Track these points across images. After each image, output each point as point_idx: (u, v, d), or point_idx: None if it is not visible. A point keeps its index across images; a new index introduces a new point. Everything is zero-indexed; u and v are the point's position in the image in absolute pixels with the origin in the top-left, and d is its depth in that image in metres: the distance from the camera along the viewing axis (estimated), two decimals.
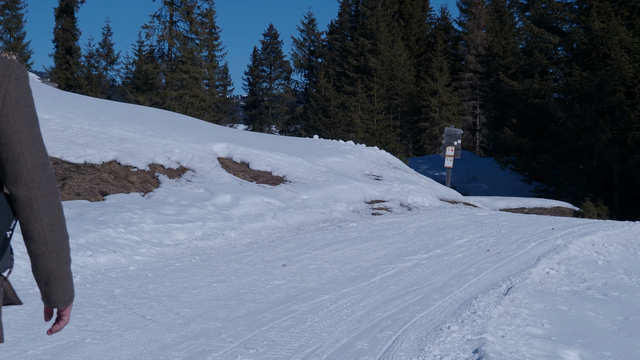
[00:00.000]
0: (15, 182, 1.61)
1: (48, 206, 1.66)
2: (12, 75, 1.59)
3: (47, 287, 1.78)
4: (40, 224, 1.67)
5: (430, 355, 4.44)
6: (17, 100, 1.59)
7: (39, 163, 1.63)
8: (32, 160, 1.61)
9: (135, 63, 43.12)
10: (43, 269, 1.76)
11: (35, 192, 1.63)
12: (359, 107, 39.06)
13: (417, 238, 10.48)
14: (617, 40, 28.53)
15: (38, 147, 1.65)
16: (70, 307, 1.83)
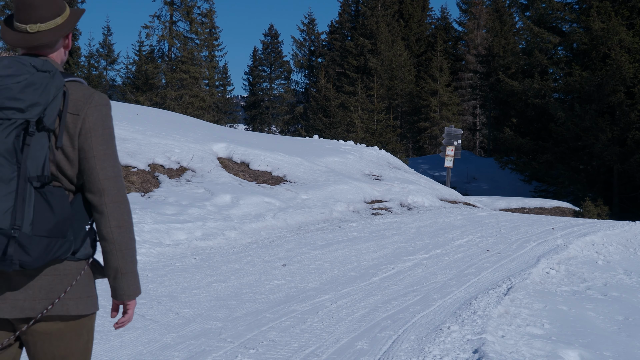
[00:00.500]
0: (91, 190, 1.98)
1: (116, 211, 1.99)
2: (93, 102, 1.99)
3: (115, 282, 2.08)
4: (109, 225, 1.99)
5: (430, 355, 4.44)
6: (94, 123, 1.96)
7: (109, 175, 1.97)
8: (103, 173, 1.96)
9: (135, 63, 43.12)
10: (111, 265, 2.06)
11: (106, 199, 1.97)
12: (359, 107, 39.07)
13: (417, 238, 10.48)
14: (617, 40, 28.52)
15: (110, 162, 1.97)
16: (134, 303, 2.12)
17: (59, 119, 1.92)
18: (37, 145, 1.85)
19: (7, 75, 1.83)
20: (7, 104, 1.81)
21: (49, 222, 1.84)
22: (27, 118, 1.83)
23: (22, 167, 1.81)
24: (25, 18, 1.94)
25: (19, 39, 1.96)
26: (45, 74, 1.89)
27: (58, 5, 1.99)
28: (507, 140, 33.17)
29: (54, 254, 1.86)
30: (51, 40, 2.00)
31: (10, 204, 1.78)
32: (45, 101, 1.86)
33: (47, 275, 1.92)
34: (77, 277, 1.97)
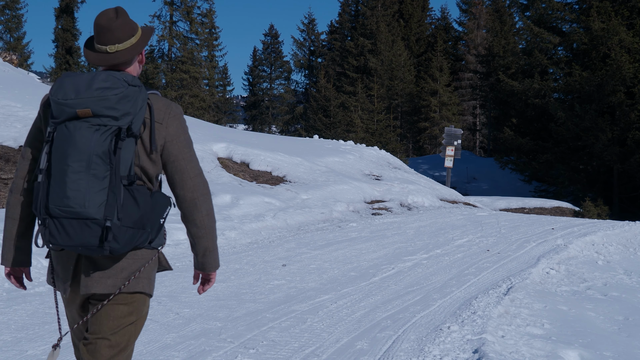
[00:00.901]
0: (183, 187, 2.32)
1: (205, 202, 2.36)
2: (172, 113, 2.29)
3: (204, 258, 2.46)
4: (201, 214, 2.35)
5: (430, 355, 4.44)
6: (176, 131, 2.29)
7: (197, 173, 2.34)
8: (192, 172, 2.31)
9: None
10: (201, 245, 2.42)
11: (197, 193, 2.33)
12: (359, 107, 39.07)
13: (417, 238, 10.48)
14: (617, 40, 28.52)
15: (195, 162, 2.33)
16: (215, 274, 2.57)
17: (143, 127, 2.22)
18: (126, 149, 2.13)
19: (106, 87, 2.10)
20: (105, 112, 2.09)
21: (134, 215, 2.15)
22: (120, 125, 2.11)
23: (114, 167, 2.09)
24: (105, 40, 2.23)
25: (100, 58, 2.25)
26: (135, 88, 2.16)
27: (131, 27, 2.27)
28: (507, 140, 33.17)
29: (135, 242, 2.18)
30: (128, 58, 2.27)
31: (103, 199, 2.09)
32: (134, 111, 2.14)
33: (127, 259, 2.25)
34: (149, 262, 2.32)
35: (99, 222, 2.08)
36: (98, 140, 2.07)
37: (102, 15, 2.23)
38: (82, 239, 2.09)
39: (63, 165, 2.08)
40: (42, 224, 2.15)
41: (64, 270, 2.29)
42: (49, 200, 2.10)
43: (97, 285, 2.22)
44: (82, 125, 2.08)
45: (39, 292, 5.95)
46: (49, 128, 2.14)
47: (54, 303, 4.85)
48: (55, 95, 2.12)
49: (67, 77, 2.17)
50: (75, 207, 2.07)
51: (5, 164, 11.27)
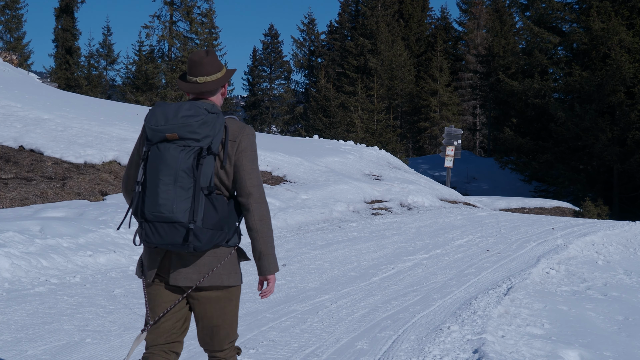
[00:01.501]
0: (241, 194, 2.69)
1: (259, 209, 2.68)
2: (244, 133, 2.70)
3: (259, 262, 2.72)
4: (254, 219, 2.67)
5: (430, 355, 4.44)
6: (245, 147, 2.69)
7: (254, 184, 2.69)
8: (250, 182, 2.68)
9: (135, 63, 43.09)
10: (256, 248, 2.71)
11: (251, 200, 2.67)
12: (359, 107, 39.06)
13: (417, 238, 10.48)
14: (617, 40, 28.52)
15: (255, 174, 2.71)
16: (274, 277, 2.76)
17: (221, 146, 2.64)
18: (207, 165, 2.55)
19: (189, 115, 2.54)
20: (188, 136, 2.53)
21: (213, 219, 2.56)
22: (201, 146, 2.54)
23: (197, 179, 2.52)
24: (196, 73, 2.71)
25: (191, 87, 2.72)
26: (214, 115, 2.60)
27: (218, 65, 2.76)
28: (507, 140, 33.17)
29: (215, 241, 2.58)
30: (213, 88, 2.74)
31: (188, 205, 2.51)
32: (213, 134, 2.57)
33: (208, 256, 2.63)
34: (226, 258, 2.67)
35: (184, 225, 2.51)
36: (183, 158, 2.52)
37: (195, 53, 2.75)
38: (170, 238, 2.54)
39: (156, 178, 2.54)
40: (140, 226, 2.66)
41: (152, 262, 2.71)
42: (145, 207, 2.60)
43: (184, 279, 2.64)
44: (171, 146, 2.54)
45: (39, 292, 5.95)
46: (145, 148, 2.61)
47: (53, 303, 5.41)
48: (149, 122, 2.58)
49: (158, 107, 2.62)
50: (165, 212, 2.53)
51: (5, 164, 11.27)
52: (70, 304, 5.60)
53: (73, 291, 6.08)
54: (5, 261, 6.53)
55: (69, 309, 5.43)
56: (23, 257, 6.80)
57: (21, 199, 10.13)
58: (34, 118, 13.67)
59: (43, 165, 11.49)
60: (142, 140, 2.71)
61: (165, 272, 2.68)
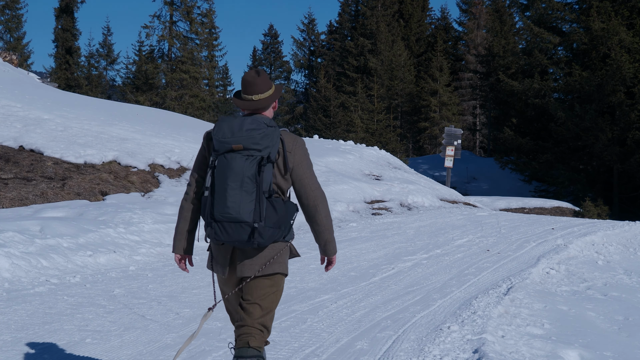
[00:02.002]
0: (307, 197, 3.11)
1: (323, 207, 3.15)
2: (298, 144, 3.08)
3: (325, 247, 3.28)
4: (321, 216, 3.16)
5: (430, 355, 4.44)
6: (301, 157, 3.08)
7: (316, 187, 3.12)
8: (313, 186, 3.11)
9: (135, 63, 43.08)
10: (323, 238, 3.24)
11: (317, 201, 3.12)
12: (359, 107, 39.06)
13: (417, 238, 10.49)
14: (617, 40, 28.52)
15: (314, 179, 3.13)
16: (335, 257, 3.37)
17: (278, 155, 3.02)
18: (267, 171, 2.94)
19: (252, 129, 2.94)
20: (252, 147, 2.92)
21: (273, 218, 2.96)
22: (262, 155, 2.93)
23: (259, 184, 2.91)
24: (251, 91, 3.09)
25: (247, 104, 3.10)
26: (272, 128, 2.98)
27: (268, 83, 3.13)
28: (507, 140, 33.16)
29: (275, 237, 3.00)
30: (266, 105, 3.12)
31: (252, 207, 2.89)
32: (272, 145, 2.95)
33: (268, 250, 3.07)
34: (282, 251, 3.12)
35: (249, 224, 2.89)
36: (248, 166, 2.91)
37: (248, 74, 3.12)
38: (237, 236, 2.91)
39: (224, 184, 2.91)
40: (209, 226, 2.97)
41: (223, 259, 3.10)
42: (214, 209, 2.93)
43: (248, 270, 3.05)
44: (236, 155, 2.93)
45: (39, 292, 5.95)
46: (212, 157, 2.99)
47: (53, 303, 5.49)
48: (216, 134, 2.98)
49: (223, 122, 3.02)
50: (233, 213, 2.89)
51: (6, 164, 11.27)
52: (70, 304, 5.60)
53: (73, 291, 6.09)
54: (5, 261, 6.53)
55: (69, 309, 5.43)
56: (23, 257, 6.80)
57: (21, 199, 10.13)
58: (34, 118, 13.67)
59: (43, 165, 11.49)
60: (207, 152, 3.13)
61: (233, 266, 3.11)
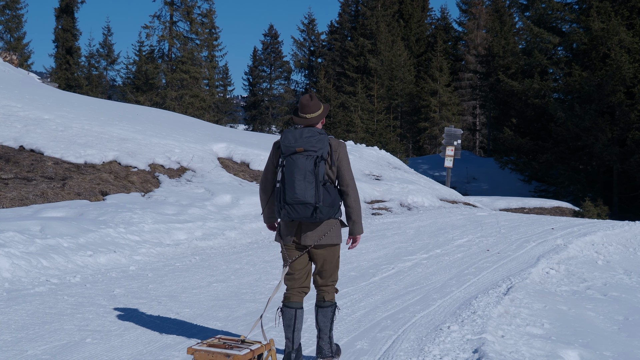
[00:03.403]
0: (342, 185, 4.11)
1: (353, 193, 4.12)
2: (340, 146, 4.10)
3: (352, 226, 4.17)
4: (351, 200, 4.12)
5: (430, 355, 4.45)
6: (342, 155, 4.10)
7: (350, 177, 4.11)
8: (348, 177, 4.10)
9: (135, 63, 43.08)
10: (351, 218, 4.16)
11: (349, 189, 4.10)
12: (359, 107, 39.05)
13: (417, 238, 10.49)
14: (617, 40, 28.51)
15: (349, 173, 4.12)
16: (360, 237, 4.25)
17: (328, 154, 4.06)
18: (321, 166, 3.96)
19: (309, 136, 3.99)
20: (310, 149, 3.96)
21: (328, 200, 3.99)
22: (317, 154, 3.97)
23: (317, 176, 3.94)
24: (305, 111, 4.14)
25: (302, 121, 4.15)
26: (323, 135, 4.03)
27: (319, 104, 4.18)
28: (507, 140, 33.15)
29: (329, 215, 4.02)
30: (317, 121, 4.17)
31: (313, 192, 3.92)
32: (323, 147, 4.00)
33: (324, 225, 4.08)
34: (334, 226, 4.12)
35: (312, 204, 3.93)
36: (308, 163, 3.95)
37: (304, 98, 4.16)
38: (304, 213, 3.95)
39: (292, 177, 3.95)
40: (282, 208, 3.98)
41: (290, 231, 4.12)
42: (286, 195, 3.96)
43: (309, 240, 4.08)
44: (299, 156, 3.97)
45: (39, 292, 5.96)
46: (281, 159, 4.04)
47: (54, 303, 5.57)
48: (283, 142, 4.01)
49: (288, 132, 4.05)
50: (300, 197, 3.92)
51: (6, 164, 11.28)
52: (71, 304, 5.60)
53: (73, 291, 6.09)
54: (6, 261, 6.53)
55: (69, 309, 5.43)
56: (23, 257, 6.81)
57: (21, 199, 10.14)
58: (34, 118, 13.67)
59: (43, 165, 11.50)
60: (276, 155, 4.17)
61: (297, 237, 4.10)
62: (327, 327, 4.15)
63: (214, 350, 3.49)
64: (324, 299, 4.19)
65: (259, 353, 3.63)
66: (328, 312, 4.16)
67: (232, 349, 3.56)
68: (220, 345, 3.61)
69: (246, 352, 3.50)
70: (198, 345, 3.58)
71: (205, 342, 3.65)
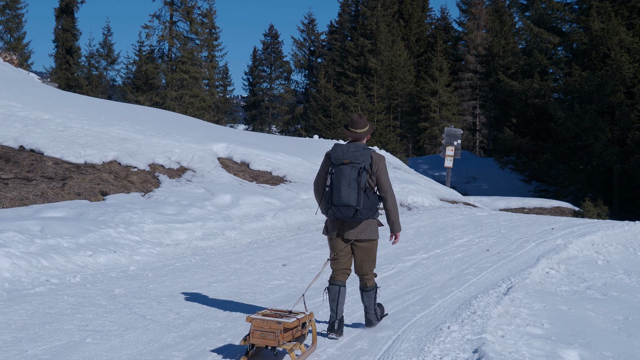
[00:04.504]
0: (381, 191, 4.88)
1: (390, 198, 4.89)
2: (380, 159, 4.86)
3: (392, 225, 4.95)
4: (388, 204, 4.89)
5: (430, 355, 4.45)
6: (380, 167, 4.85)
7: (387, 185, 4.87)
8: (386, 186, 4.87)
9: (135, 63, 43.08)
10: (390, 219, 4.95)
11: (387, 195, 4.87)
12: (359, 107, 39.04)
13: (417, 238, 10.49)
14: (617, 40, 28.50)
15: (387, 181, 4.86)
16: (399, 234, 5.03)
17: (369, 165, 4.78)
18: (363, 176, 4.72)
19: (355, 150, 4.76)
20: (355, 161, 4.72)
21: (367, 203, 4.75)
22: (361, 166, 4.72)
23: (359, 184, 4.70)
24: (355, 127, 4.92)
25: (352, 135, 4.92)
26: (366, 150, 4.80)
27: (366, 122, 4.95)
28: (507, 140, 33.14)
29: (368, 216, 4.77)
30: (363, 137, 4.93)
31: (355, 197, 4.68)
32: (366, 159, 4.76)
33: (363, 223, 4.83)
34: (372, 224, 4.87)
35: (354, 207, 4.71)
36: (352, 172, 4.75)
37: (354, 115, 4.95)
38: (347, 213, 4.74)
39: (339, 183, 4.76)
40: (329, 208, 4.80)
41: (334, 227, 4.92)
42: (333, 198, 4.77)
43: (351, 235, 4.85)
44: (346, 167, 4.77)
45: (39, 292, 5.96)
46: (330, 168, 4.86)
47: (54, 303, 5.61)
48: (333, 154, 4.84)
49: (337, 146, 4.89)
50: (344, 201, 4.72)
51: (6, 164, 11.28)
52: (71, 304, 5.60)
53: (73, 291, 6.09)
54: (6, 261, 6.53)
55: (69, 309, 5.43)
56: (23, 257, 6.81)
57: (21, 199, 10.14)
58: (34, 118, 13.67)
59: (43, 165, 11.50)
60: (327, 164, 4.94)
61: (341, 232, 4.89)
62: (371, 305, 5.06)
63: (268, 319, 4.26)
64: (367, 285, 5.02)
65: (303, 321, 4.46)
66: (371, 294, 5.04)
67: (282, 317, 4.35)
68: (272, 315, 4.39)
69: (293, 320, 4.31)
70: (255, 314, 4.36)
71: (259, 312, 4.45)
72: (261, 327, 4.18)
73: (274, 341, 4.14)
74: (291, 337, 4.31)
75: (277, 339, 4.14)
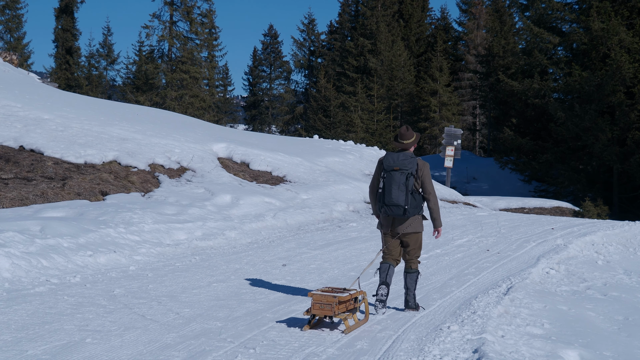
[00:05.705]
0: (425, 192, 5.75)
1: (433, 199, 5.75)
2: (425, 166, 5.73)
3: (434, 222, 5.80)
4: (431, 203, 5.76)
5: (430, 355, 4.45)
6: (425, 173, 5.72)
7: (430, 188, 5.74)
8: (429, 188, 5.73)
9: (135, 63, 43.07)
10: (432, 216, 5.78)
11: (430, 196, 5.74)
12: (359, 107, 39.05)
13: None
14: (617, 40, 28.49)
15: (430, 185, 5.75)
16: (441, 229, 5.91)
17: (415, 171, 5.61)
18: (410, 180, 5.58)
19: (404, 159, 5.61)
20: (404, 168, 5.58)
21: (414, 203, 5.64)
22: (409, 172, 5.59)
23: (407, 187, 5.57)
24: (403, 138, 5.73)
25: (400, 145, 5.74)
26: (413, 158, 5.65)
27: (413, 134, 5.74)
28: (507, 140, 33.14)
29: (414, 213, 5.65)
30: (410, 146, 5.74)
31: (404, 198, 5.55)
32: (413, 167, 5.62)
33: (410, 219, 5.68)
34: (417, 219, 5.71)
35: (403, 206, 5.52)
36: (401, 177, 5.55)
37: (402, 129, 5.72)
38: (397, 212, 5.55)
39: (390, 187, 5.56)
40: (382, 207, 5.60)
41: (387, 223, 5.72)
42: (385, 199, 5.57)
43: (401, 230, 5.66)
44: (396, 172, 5.57)
45: (39, 292, 5.96)
46: (383, 173, 5.62)
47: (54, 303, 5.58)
48: (385, 162, 5.63)
49: (388, 155, 5.66)
50: (395, 201, 5.53)
51: (6, 164, 11.28)
52: (71, 304, 5.60)
53: (73, 291, 6.09)
54: (6, 261, 6.53)
55: (69, 309, 5.44)
56: (23, 257, 6.81)
57: (21, 199, 10.14)
58: (34, 118, 13.67)
59: (43, 165, 11.50)
60: (380, 169, 5.70)
61: (393, 227, 5.68)
62: (412, 286, 5.73)
63: (325, 294, 5.02)
64: (411, 267, 5.77)
65: (355, 296, 5.25)
66: (413, 276, 5.74)
67: (338, 292, 5.12)
68: (330, 291, 5.17)
69: (346, 295, 5.09)
70: (314, 291, 5.12)
71: (319, 289, 5.21)
72: (320, 300, 4.95)
73: (330, 311, 4.90)
74: (345, 309, 5.08)
75: (333, 310, 4.89)
